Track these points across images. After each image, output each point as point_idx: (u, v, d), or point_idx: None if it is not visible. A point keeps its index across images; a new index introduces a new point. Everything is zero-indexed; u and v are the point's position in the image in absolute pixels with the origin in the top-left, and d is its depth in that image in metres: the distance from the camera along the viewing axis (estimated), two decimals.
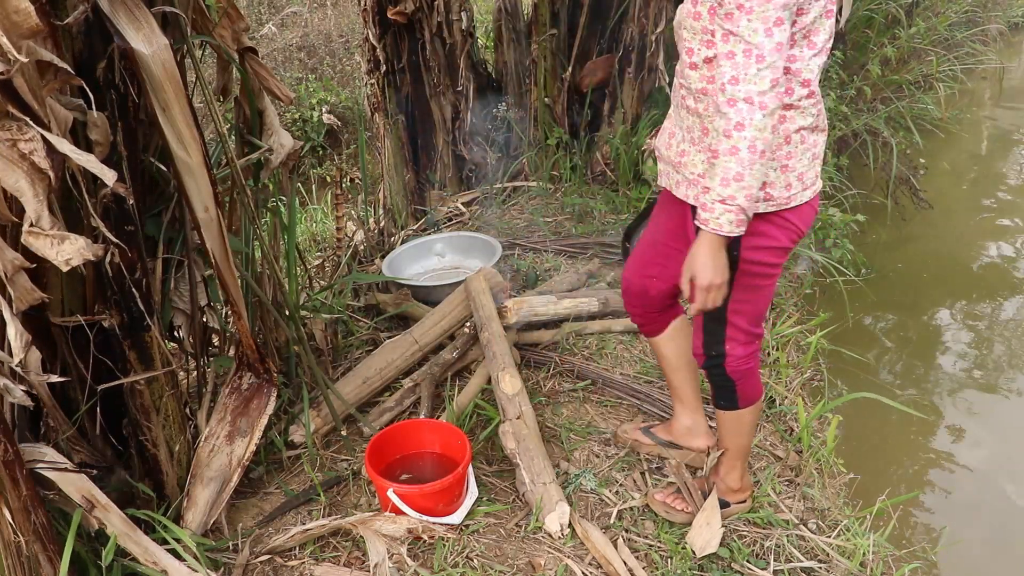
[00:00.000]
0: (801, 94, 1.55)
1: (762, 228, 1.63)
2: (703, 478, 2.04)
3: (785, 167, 1.60)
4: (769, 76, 1.41)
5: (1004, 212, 5.40)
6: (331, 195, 4.18)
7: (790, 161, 1.60)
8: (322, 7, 8.04)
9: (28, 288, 1.34)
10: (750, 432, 1.94)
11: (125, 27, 1.44)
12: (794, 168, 1.60)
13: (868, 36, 5.26)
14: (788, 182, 1.61)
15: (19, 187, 1.23)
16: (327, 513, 2.06)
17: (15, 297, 1.32)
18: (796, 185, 1.61)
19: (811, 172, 1.64)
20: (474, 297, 2.63)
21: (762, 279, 1.72)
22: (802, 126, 1.58)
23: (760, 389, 1.89)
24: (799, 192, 1.62)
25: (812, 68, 1.53)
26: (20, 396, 1.39)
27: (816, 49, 1.52)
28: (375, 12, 3.77)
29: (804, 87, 1.55)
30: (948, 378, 3.65)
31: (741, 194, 1.48)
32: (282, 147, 2.13)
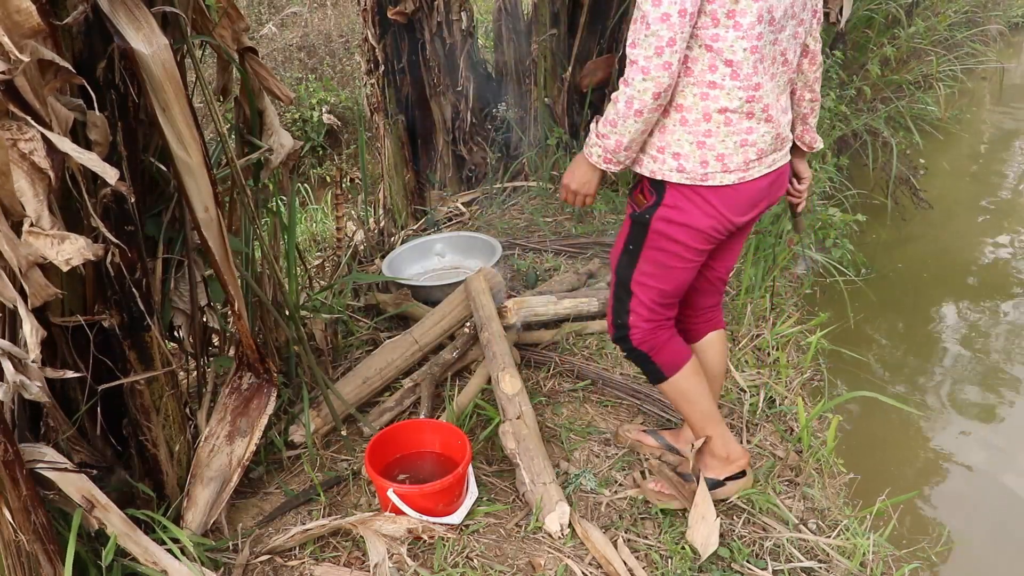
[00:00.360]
0: (724, 72, 1.59)
1: (676, 200, 1.70)
2: (691, 483, 2.04)
3: (702, 143, 1.64)
4: (654, 43, 1.51)
5: (1004, 212, 5.40)
6: (331, 195, 4.18)
7: (708, 139, 1.63)
8: (322, 7, 8.04)
9: (43, 284, 1.34)
10: (698, 397, 1.94)
11: (125, 27, 1.44)
12: (713, 147, 1.64)
13: (868, 36, 5.26)
14: (704, 158, 1.64)
15: (19, 187, 1.23)
16: (327, 513, 2.06)
17: (30, 293, 1.32)
18: (714, 164, 1.65)
19: (737, 157, 1.65)
20: (474, 297, 2.63)
21: (672, 258, 1.76)
22: (726, 107, 1.61)
23: (683, 354, 1.92)
24: (717, 172, 1.65)
25: (736, 49, 1.56)
26: (37, 392, 1.39)
27: (741, 31, 1.55)
28: (375, 12, 3.77)
29: (727, 66, 1.58)
30: (948, 378, 3.65)
31: (612, 138, 1.65)
32: (282, 147, 2.13)
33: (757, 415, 2.44)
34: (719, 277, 1.99)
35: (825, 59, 4.58)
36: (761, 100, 1.63)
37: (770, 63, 1.63)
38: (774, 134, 1.69)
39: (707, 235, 1.73)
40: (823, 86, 4.44)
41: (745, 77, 1.59)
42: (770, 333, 2.87)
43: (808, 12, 1.70)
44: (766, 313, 3.01)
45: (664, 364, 1.90)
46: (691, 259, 1.78)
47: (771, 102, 1.66)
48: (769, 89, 1.64)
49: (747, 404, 2.46)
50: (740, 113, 1.63)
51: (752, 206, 1.75)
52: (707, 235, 1.73)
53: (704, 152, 1.65)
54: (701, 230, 1.72)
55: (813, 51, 1.80)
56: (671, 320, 1.92)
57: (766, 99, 1.64)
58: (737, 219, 1.73)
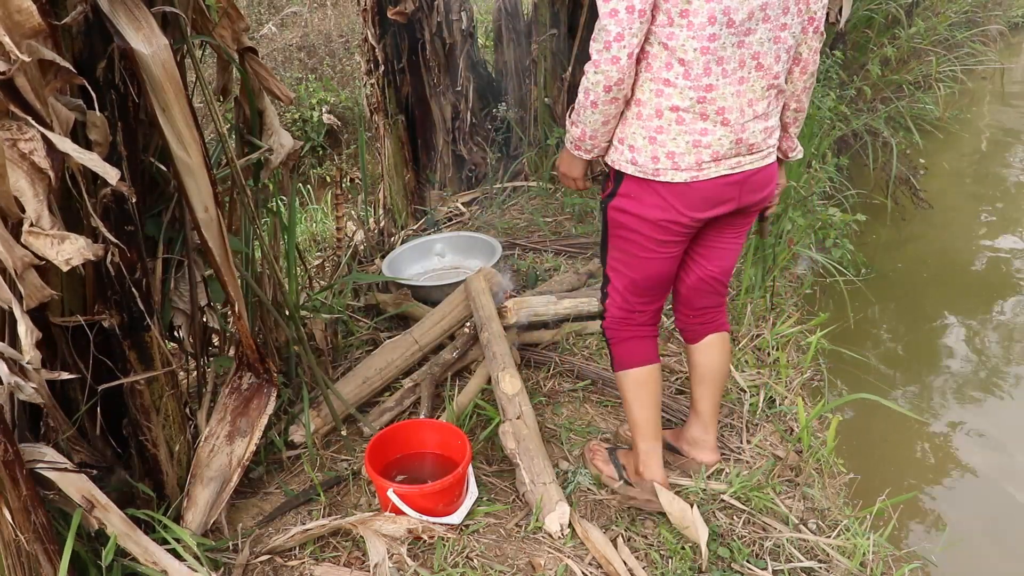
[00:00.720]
0: (678, 71, 1.61)
1: (630, 190, 1.75)
2: None
3: (653, 139, 1.68)
4: (603, 38, 1.57)
5: (1004, 212, 5.40)
6: (331, 195, 4.18)
7: (660, 135, 1.67)
8: (322, 7, 8.04)
9: (38, 285, 1.34)
10: (635, 406, 1.98)
11: (125, 27, 1.44)
12: (664, 144, 1.67)
13: (868, 36, 5.26)
14: (655, 154, 1.68)
15: (19, 187, 1.23)
16: (327, 513, 2.06)
17: (25, 294, 1.33)
18: (664, 161, 1.68)
19: (689, 157, 1.67)
20: (474, 297, 2.63)
21: (633, 246, 1.82)
22: (677, 105, 1.63)
23: (637, 357, 1.96)
24: (667, 170, 1.68)
25: (687, 49, 1.58)
26: (31, 393, 1.39)
27: (692, 31, 1.56)
28: (375, 12, 3.77)
29: (680, 65, 1.61)
30: (948, 378, 3.65)
31: (577, 127, 1.74)
32: (282, 147, 2.13)
33: (757, 415, 2.44)
34: (714, 277, 1.98)
35: (825, 59, 4.58)
36: (714, 102, 1.64)
37: (735, 66, 1.63)
38: (734, 139, 1.68)
39: (662, 227, 1.75)
40: (823, 86, 4.44)
41: (696, 77, 1.61)
42: (770, 333, 2.87)
43: (795, 18, 1.67)
44: (766, 313, 3.01)
45: (617, 357, 2.00)
46: (654, 249, 1.80)
47: (729, 105, 1.65)
48: (729, 93, 1.64)
49: (747, 404, 2.46)
50: (692, 113, 1.64)
51: (711, 205, 1.75)
52: (662, 227, 1.75)
53: (655, 148, 1.68)
54: (654, 221, 1.75)
55: (805, 60, 1.78)
56: (645, 316, 1.95)
57: (721, 102, 1.64)
58: (693, 214, 1.74)
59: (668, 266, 1.87)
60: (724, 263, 1.97)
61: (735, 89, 1.65)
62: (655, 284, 1.91)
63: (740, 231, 1.93)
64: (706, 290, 2.00)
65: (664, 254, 1.83)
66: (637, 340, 1.97)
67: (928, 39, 5.51)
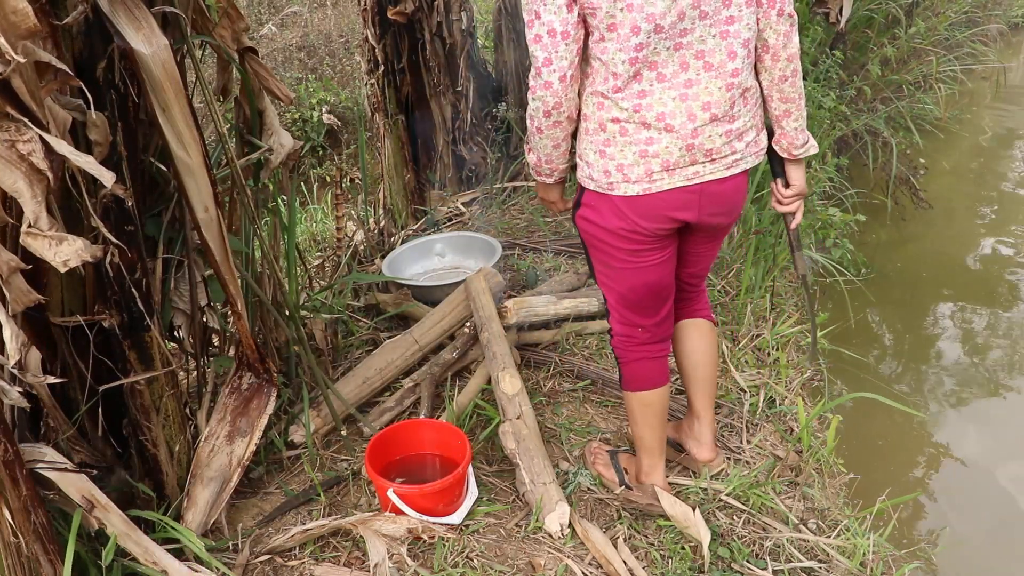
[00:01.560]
0: (611, 84, 1.61)
1: (590, 200, 1.75)
2: None
3: (603, 152, 1.68)
4: (534, 64, 1.60)
5: (1004, 212, 5.40)
6: (331, 195, 4.18)
7: (608, 148, 1.66)
8: (322, 7, 8.04)
9: (24, 290, 1.34)
10: (640, 426, 1.97)
11: (125, 27, 1.44)
12: (613, 156, 1.66)
13: (868, 36, 5.26)
14: (606, 168, 1.68)
15: (17, 188, 1.23)
16: (327, 513, 2.06)
17: (11, 299, 1.32)
18: (615, 175, 1.67)
19: (638, 168, 1.65)
20: (474, 297, 2.63)
21: (608, 257, 1.81)
22: (617, 117, 1.63)
23: (645, 380, 1.93)
24: (620, 183, 1.67)
25: (616, 61, 1.57)
26: (16, 398, 1.39)
27: (618, 42, 1.55)
28: (375, 12, 3.76)
29: (614, 78, 1.60)
30: (948, 377, 3.65)
31: (532, 154, 1.80)
32: (282, 147, 2.13)
33: (757, 415, 2.44)
34: (684, 280, 1.96)
35: (825, 59, 4.58)
36: (651, 108, 1.61)
37: (675, 69, 1.59)
38: (683, 145, 1.63)
39: (623, 236, 1.74)
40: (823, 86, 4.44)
41: (626, 86, 1.60)
42: (770, 333, 2.87)
43: (744, 8, 1.58)
44: (766, 313, 3.01)
45: (625, 377, 1.97)
46: (626, 259, 1.78)
47: (671, 111, 1.61)
48: (668, 98, 1.60)
49: (747, 404, 2.46)
50: (633, 123, 1.63)
51: (667, 218, 1.71)
52: (623, 236, 1.74)
53: (605, 162, 1.67)
54: (615, 231, 1.74)
55: (774, 46, 1.65)
56: (648, 332, 1.90)
57: (659, 108, 1.61)
58: (649, 225, 1.71)
59: (650, 275, 1.81)
60: (692, 268, 1.95)
61: (678, 93, 1.61)
62: (644, 295, 1.85)
63: (711, 243, 1.90)
64: (679, 287, 1.97)
65: (639, 263, 1.78)
66: (645, 362, 1.93)
67: (928, 39, 5.51)
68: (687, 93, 1.61)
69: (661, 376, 1.95)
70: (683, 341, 2.03)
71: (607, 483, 2.14)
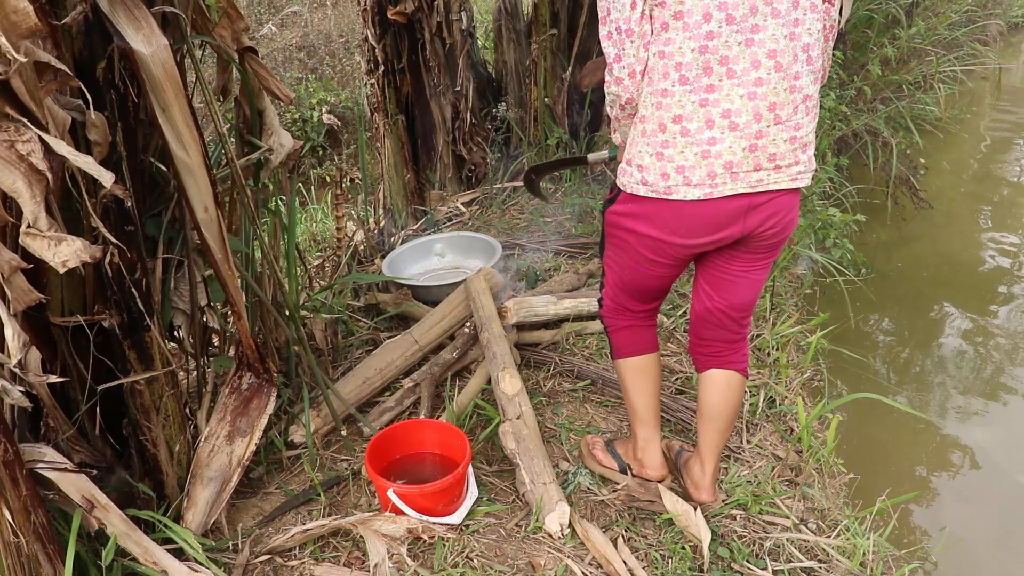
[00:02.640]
0: (673, 78, 1.57)
1: (628, 203, 1.75)
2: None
3: (660, 154, 1.63)
4: (606, 60, 1.64)
5: (1004, 212, 5.40)
6: (331, 195, 4.18)
7: (667, 150, 1.62)
8: (322, 7, 8.04)
9: (25, 289, 1.33)
10: (631, 393, 2.01)
11: (124, 27, 1.44)
12: (672, 158, 1.62)
13: (868, 36, 5.26)
14: (664, 170, 1.63)
15: (16, 188, 1.23)
16: (327, 513, 2.06)
17: (12, 298, 1.32)
18: (675, 177, 1.62)
19: (700, 171, 1.60)
20: (474, 297, 2.63)
21: (623, 252, 1.84)
22: (679, 115, 1.59)
23: (634, 346, 1.98)
24: (679, 186, 1.62)
25: (684, 51, 1.54)
26: (18, 397, 1.39)
27: (689, 31, 1.53)
28: (375, 12, 3.76)
29: (676, 71, 1.56)
30: (948, 377, 3.65)
31: (619, 135, 1.83)
32: (282, 147, 2.13)
33: (757, 415, 2.44)
34: (720, 310, 1.86)
35: None
36: (719, 104, 1.55)
37: (746, 66, 1.53)
38: (745, 145, 1.57)
39: (651, 246, 1.74)
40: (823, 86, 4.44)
41: (695, 79, 1.55)
42: (770, 333, 2.87)
43: (809, 13, 1.55)
44: (766, 313, 3.01)
45: (615, 345, 2.02)
46: (639, 266, 1.81)
47: (737, 108, 1.55)
48: (736, 95, 1.55)
49: (747, 404, 2.46)
50: (697, 121, 1.57)
51: (716, 228, 1.66)
52: (651, 246, 1.74)
53: (664, 164, 1.62)
54: (645, 236, 1.74)
55: (824, 70, 1.67)
56: (637, 312, 1.97)
57: (726, 104, 1.55)
58: (690, 241, 1.68)
59: (657, 283, 1.86)
60: (732, 297, 1.84)
61: (747, 91, 1.54)
62: (643, 292, 1.90)
63: (752, 265, 1.79)
64: (713, 322, 1.88)
65: (651, 273, 1.81)
66: (634, 329, 1.98)
67: (928, 39, 5.51)
68: (756, 92, 1.55)
69: (650, 343, 1.99)
70: (710, 389, 1.94)
71: (607, 473, 2.14)
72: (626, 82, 1.62)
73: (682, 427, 2.37)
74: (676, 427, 2.38)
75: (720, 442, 1.96)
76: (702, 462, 2.00)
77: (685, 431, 2.36)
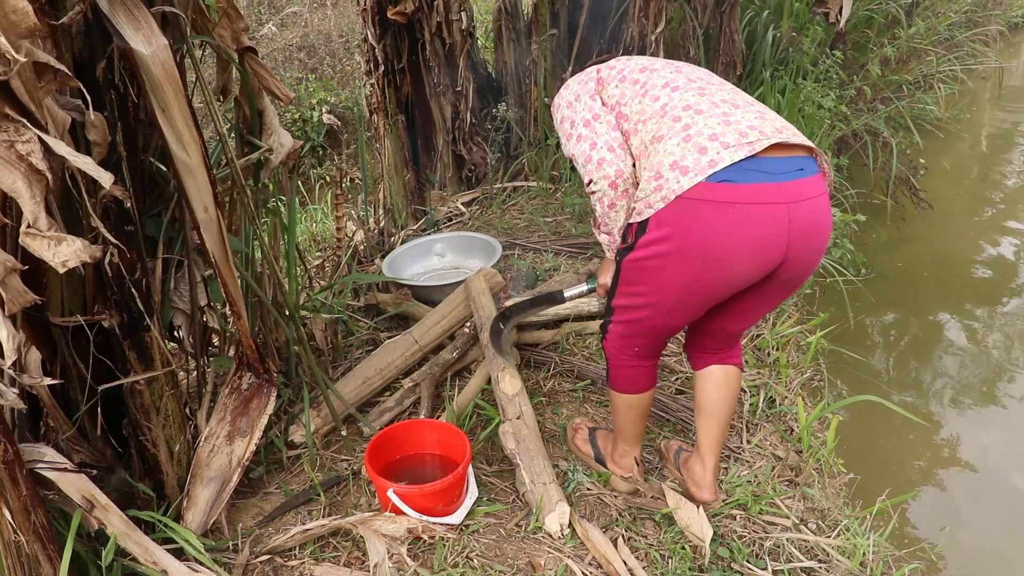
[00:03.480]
0: (656, 108, 1.75)
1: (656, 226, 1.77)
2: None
3: (687, 137, 1.69)
4: (585, 163, 1.84)
5: (1004, 212, 5.40)
6: (331, 195, 4.18)
7: (690, 131, 1.69)
8: (322, 7, 8.04)
9: (21, 290, 1.33)
10: (623, 423, 2.02)
11: (124, 27, 1.44)
12: (700, 132, 1.66)
13: (868, 36, 5.26)
14: (700, 145, 1.67)
15: (16, 188, 1.23)
16: (327, 513, 2.06)
17: (7, 299, 1.32)
18: (712, 145, 1.62)
19: (730, 134, 1.62)
20: (474, 297, 2.63)
21: (647, 288, 1.82)
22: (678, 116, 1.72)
23: (629, 388, 1.95)
24: (719, 151, 1.62)
25: (653, 107, 1.75)
26: (13, 399, 1.39)
27: (648, 113, 1.74)
28: (375, 12, 3.76)
29: (656, 102, 1.75)
30: (948, 378, 3.65)
31: (605, 236, 1.97)
32: (282, 147, 2.13)
33: (757, 415, 2.44)
34: (728, 331, 1.90)
35: (825, 59, 4.59)
36: (702, 133, 1.60)
37: (709, 106, 1.66)
38: (735, 130, 1.58)
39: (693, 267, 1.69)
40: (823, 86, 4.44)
41: (670, 130, 1.66)
42: (770, 333, 2.87)
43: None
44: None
45: (611, 377, 1.99)
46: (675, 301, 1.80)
47: (721, 131, 1.59)
48: (713, 123, 1.61)
49: (747, 404, 2.46)
50: (685, 138, 1.62)
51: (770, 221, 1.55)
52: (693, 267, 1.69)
53: (695, 141, 1.60)
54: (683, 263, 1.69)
55: None
56: (642, 353, 1.90)
57: (709, 131, 1.60)
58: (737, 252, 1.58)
59: (681, 324, 1.82)
60: (741, 325, 1.88)
61: (719, 121, 1.61)
62: (657, 339, 1.87)
63: (765, 300, 1.78)
64: (719, 336, 1.92)
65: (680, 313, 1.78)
66: (635, 369, 1.93)
67: (928, 39, 5.51)
68: (729, 120, 1.61)
69: (648, 382, 1.95)
70: (707, 384, 1.96)
71: (583, 457, 2.20)
72: (608, 157, 1.76)
73: (682, 427, 2.37)
74: (676, 427, 2.38)
75: (720, 438, 1.97)
76: (702, 460, 2.00)
77: (685, 431, 2.36)
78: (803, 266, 1.66)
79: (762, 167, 1.55)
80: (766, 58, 4.44)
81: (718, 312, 1.81)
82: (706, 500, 2.00)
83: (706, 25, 4.12)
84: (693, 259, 1.60)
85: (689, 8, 4.02)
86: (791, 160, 1.59)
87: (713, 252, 1.58)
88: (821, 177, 1.65)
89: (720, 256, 1.58)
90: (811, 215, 1.58)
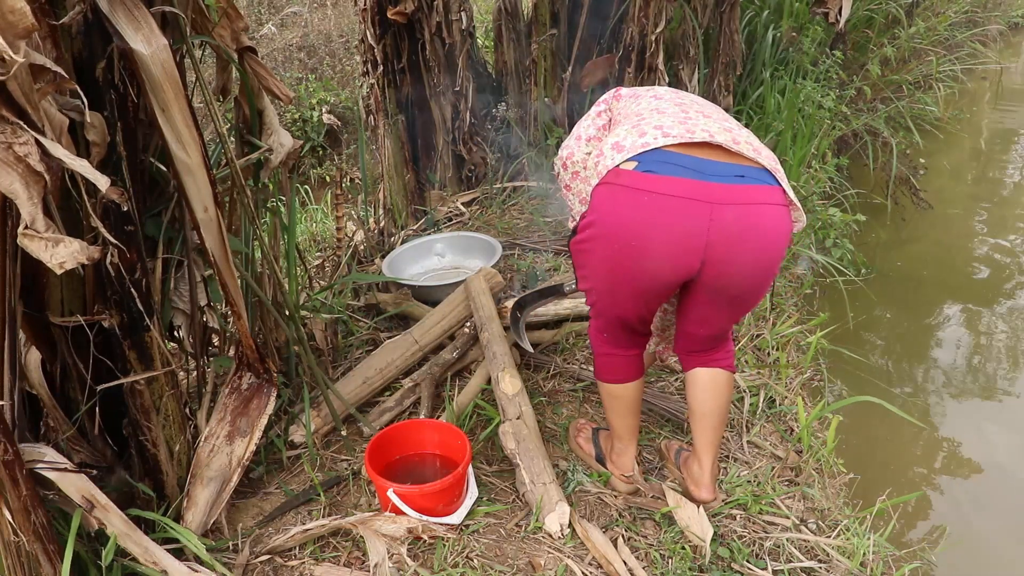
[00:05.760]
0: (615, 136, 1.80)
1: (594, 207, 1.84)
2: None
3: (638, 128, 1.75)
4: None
5: (1004, 212, 5.40)
6: (331, 195, 4.18)
7: (600, 145, 1.80)
8: (322, 7, 8.04)
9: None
10: (607, 407, 2.03)
11: (124, 27, 1.44)
12: (604, 147, 1.75)
13: (868, 36, 5.26)
14: (642, 130, 1.74)
15: (13, 189, 1.22)
16: (327, 513, 2.06)
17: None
18: (652, 132, 1.73)
19: (678, 128, 1.69)
20: (474, 297, 2.63)
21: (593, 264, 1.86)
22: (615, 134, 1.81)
23: (611, 376, 1.96)
24: (658, 138, 1.72)
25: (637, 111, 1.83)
26: None
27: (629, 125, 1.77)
28: (375, 12, 3.76)
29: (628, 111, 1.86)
30: (948, 378, 3.65)
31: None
32: (282, 147, 2.13)
33: (757, 415, 2.44)
34: (697, 335, 1.89)
35: (825, 59, 4.59)
36: (650, 122, 1.68)
37: (675, 110, 1.74)
38: (682, 128, 1.63)
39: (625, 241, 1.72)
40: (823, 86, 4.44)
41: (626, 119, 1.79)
42: (770, 333, 2.87)
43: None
44: (766, 313, 3.01)
45: (596, 366, 2.00)
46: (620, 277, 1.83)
47: (669, 124, 1.66)
48: (667, 119, 1.68)
49: (747, 404, 2.46)
50: (631, 128, 1.70)
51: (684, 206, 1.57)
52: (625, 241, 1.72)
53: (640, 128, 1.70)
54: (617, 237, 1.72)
55: None
56: (622, 339, 1.91)
57: (657, 121, 1.67)
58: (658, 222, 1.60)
59: (636, 311, 1.81)
60: (709, 329, 1.86)
61: (677, 120, 1.67)
62: (624, 323, 1.87)
63: (732, 308, 1.80)
64: (693, 338, 1.91)
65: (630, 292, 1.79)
66: (617, 358, 1.94)
67: (928, 39, 5.52)
68: (686, 122, 1.66)
69: (631, 372, 1.95)
70: (693, 387, 1.95)
71: (583, 456, 2.20)
72: (571, 144, 1.91)
73: (682, 427, 2.37)
74: (676, 427, 2.38)
75: (714, 439, 1.97)
76: (699, 460, 2.00)
77: (685, 431, 2.36)
78: (738, 273, 1.64)
79: (696, 165, 1.57)
80: (766, 58, 4.44)
81: (680, 314, 1.88)
82: (704, 499, 2.00)
83: (706, 25, 4.12)
84: (611, 243, 1.65)
85: (689, 8, 4.02)
86: (733, 166, 1.59)
87: (627, 238, 1.61)
88: (773, 190, 1.62)
89: (633, 242, 1.61)
90: (741, 219, 1.57)
